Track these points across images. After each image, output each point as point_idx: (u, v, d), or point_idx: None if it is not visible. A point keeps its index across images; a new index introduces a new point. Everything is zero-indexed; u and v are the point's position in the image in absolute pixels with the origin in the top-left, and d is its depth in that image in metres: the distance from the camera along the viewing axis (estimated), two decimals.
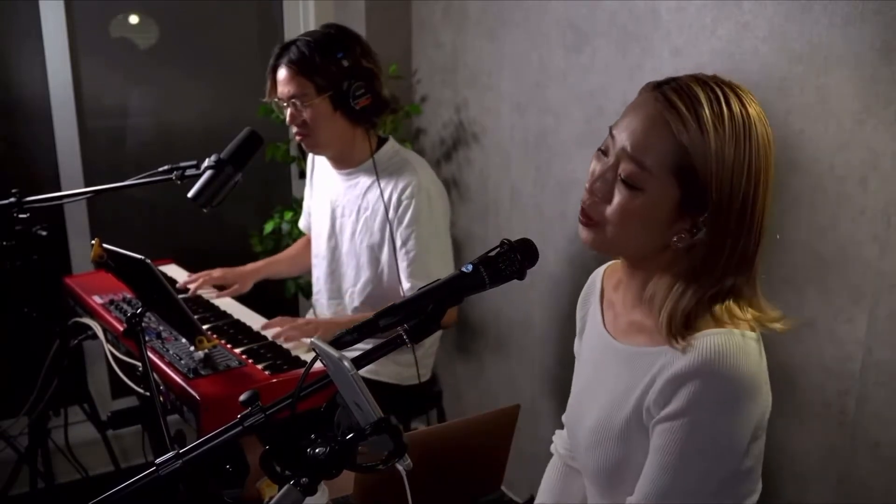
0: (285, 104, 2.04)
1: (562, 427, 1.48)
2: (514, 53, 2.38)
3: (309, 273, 2.50)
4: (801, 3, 1.56)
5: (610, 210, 1.11)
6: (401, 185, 2.06)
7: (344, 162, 2.15)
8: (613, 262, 1.34)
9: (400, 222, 2.06)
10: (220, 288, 2.28)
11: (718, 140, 1.04)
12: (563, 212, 2.29)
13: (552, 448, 1.48)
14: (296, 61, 1.99)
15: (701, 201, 1.07)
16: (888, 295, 1.49)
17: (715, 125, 1.04)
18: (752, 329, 1.11)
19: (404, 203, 2.05)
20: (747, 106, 1.07)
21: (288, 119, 2.05)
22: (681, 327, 1.09)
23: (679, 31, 1.83)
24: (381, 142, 2.15)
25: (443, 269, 2.11)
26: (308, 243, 2.45)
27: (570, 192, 2.25)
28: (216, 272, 2.26)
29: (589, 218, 1.14)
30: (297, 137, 2.08)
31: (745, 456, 1.12)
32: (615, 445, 1.17)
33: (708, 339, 1.06)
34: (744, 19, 1.68)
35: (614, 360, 1.21)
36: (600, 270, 1.36)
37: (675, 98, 1.06)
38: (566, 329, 2.39)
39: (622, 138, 1.10)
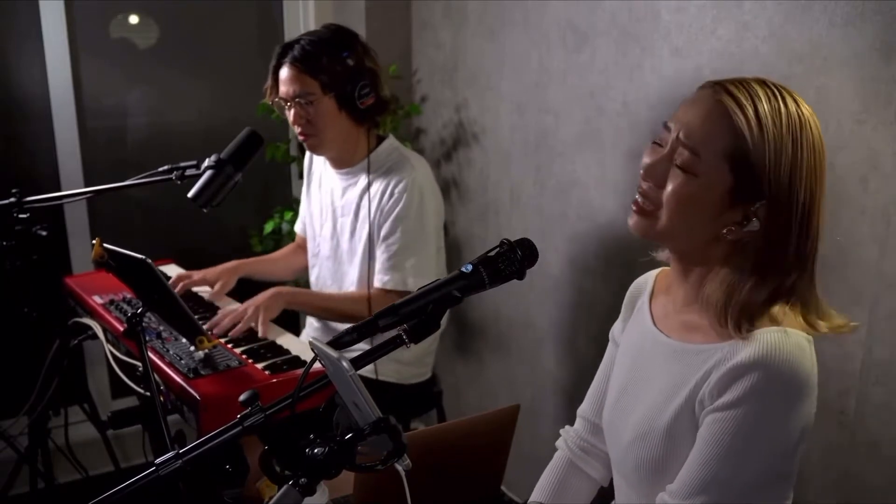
0: (288, 104, 2.02)
1: (570, 423, 1.47)
2: (514, 53, 2.38)
3: (297, 277, 2.49)
4: (801, 3, 1.56)
5: (665, 194, 1.13)
6: (394, 180, 2.06)
7: (344, 162, 2.14)
8: (665, 268, 1.35)
9: (388, 215, 2.06)
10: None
11: (776, 133, 1.07)
12: (563, 212, 2.29)
13: (558, 443, 1.47)
14: (301, 59, 1.98)
15: (753, 192, 1.09)
16: (888, 295, 1.49)
17: (773, 118, 1.08)
18: (808, 332, 1.12)
19: (395, 197, 2.05)
20: (801, 106, 1.11)
21: (292, 119, 2.03)
22: (743, 319, 1.10)
23: (679, 31, 1.83)
24: (381, 140, 2.15)
25: (420, 270, 2.08)
26: (296, 249, 2.45)
27: (570, 192, 2.25)
28: (196, 276, 2.18)
29: (645, 203, 1.16)
30: (301, 138, 2.06)
31: (790, 458, 1.12)
32: (661, 440, 1.17)
33: (768, 335, 1.08)
34: (744, 19, 1.68)
35: (665, 356, 1.22)
36: (654, 272, 1.37)
37: (734, 89, 1.10)
38: (566, 329, 2.39)
39: (677, 128, 1.13)
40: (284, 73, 2.00)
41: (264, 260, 2.43)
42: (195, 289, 2.20)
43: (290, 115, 2.03)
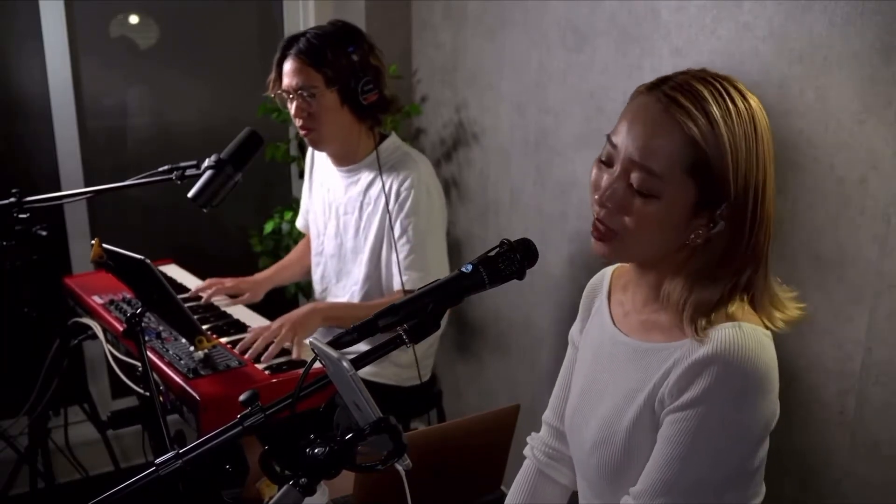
0: (291, 96, 2.01)
1: (538, 430, 1.47)
2: (514, 53, 2.38)
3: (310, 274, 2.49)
4: (801, 3, 1.56)
5: (628, 220, 1.08)
6: (400, 178, 2.06)
7: (346, 159, 2.14)
8: (620, 264, 1.33)
9: (398, 214, 2.06)
10: (233, 296, 2.24)
11: (730, 133, 1.04)
12: (563, 212, 2.29)
13: (525, 451, 1.46)
14: (306, 52, 1.97)
15: (717, 196, 1.06)
16: (888, 295, 1.49)
17: (724, 119, 1.04)
18: (766, 328, 1.11)
19: (403, 195, 2.05)
20: (748, 98, 1.08)
21: (293, 112, 2.03)
22: (700, 316, 1.08)
23: (679, 31, 1.83)
24: (383, 138, 2.14)
25: (439, 263, 2.11)
26: (306, 247, 2.45)
27: (570, 192, 2.25)
28: (228, 282, 2.21)
29: (606, 230, 1.11)
30: (302, 132, 2.05)
31: (753, 455, 1.11)
32: (623, 442, 1.16)
33: (724, 331, 1.06)
34: (744, 19, 1.68)
35: (625, 356, 1.20)
36: (609, 270, 1.35)
37: (679, 96, 1.05)
38: (566, 329, 2.38)
39: (626, 147, 1.08)
40: (288, 65, 2.00)
41: (287, 266, 2.45)
42: (214, 299, 2.20)
43: (292, 107, 2.03)
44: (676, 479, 1.08)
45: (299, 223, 2.46)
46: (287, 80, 2.01)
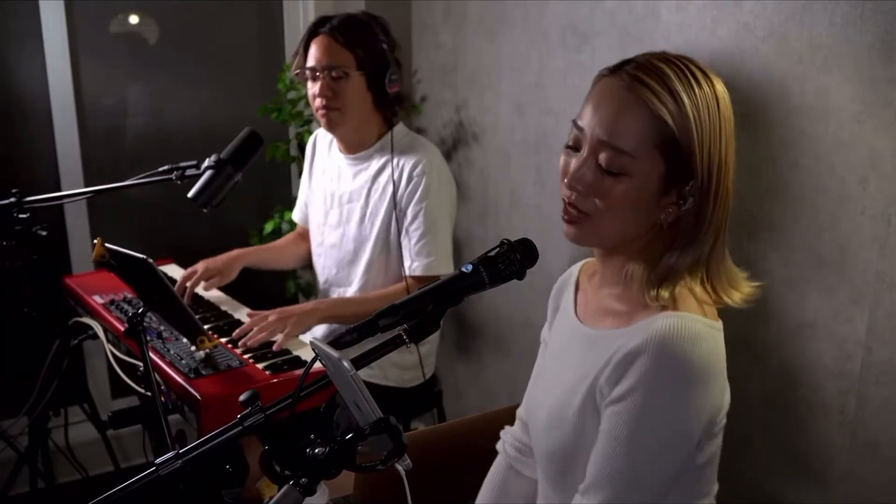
0: (317, 74, 2.00)
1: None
2: (514, 53, 2.38)
3: (300, 266, 2.48)
4: (801, 3, 1.56)
5: (599, 202, 1.10)
6: (411, 163, 2.05)
7: (356, 146, 2.13)
8: (589, 259, 1.34)
9: (409, 199, 2.05)
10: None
11: (695, 108, 1.06)
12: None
13: (498, 446, 1.46)
14: (340, 30, 1.97)
15: (685, 172, 1.08)
16: (888, 295, 1.49)
17: (689, 95, 1.07)
18: (717, 319, 1.13)
19: (414, 180, 2.04)
20: (710, 76, 1.10)
21: (317, 90, 2.00)
22: (665, 284, 1.10)
23: (679, 31, 1.83)
24: (391, 126, 2.14)
25: (447, 250, 2.10)
26: (297, 238, 2.44)
27: None
28: (199, 267, 2.15)
29: (577, 212, 1.13)
30: (321, 111, 2.02)
31: (698, 450, 1.11)
32: (570, 428, 1.16)
33: (663, 321, 1.07)
34: (744, 19, 1.68)
35: (580, 343, 1.21)
36: (577, 265, 1.37)
37: (643, 75, 1.08)
38: None
39: (593, 128, 1.10)
40: (320, 42, 1.99)
41: (269, 248, 2.40)
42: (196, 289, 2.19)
43: (316, 87, 2.01)
44: (617, 472, 1.08)
45: (296, 216, 2.45)
46: (316, 56, 1.99)
